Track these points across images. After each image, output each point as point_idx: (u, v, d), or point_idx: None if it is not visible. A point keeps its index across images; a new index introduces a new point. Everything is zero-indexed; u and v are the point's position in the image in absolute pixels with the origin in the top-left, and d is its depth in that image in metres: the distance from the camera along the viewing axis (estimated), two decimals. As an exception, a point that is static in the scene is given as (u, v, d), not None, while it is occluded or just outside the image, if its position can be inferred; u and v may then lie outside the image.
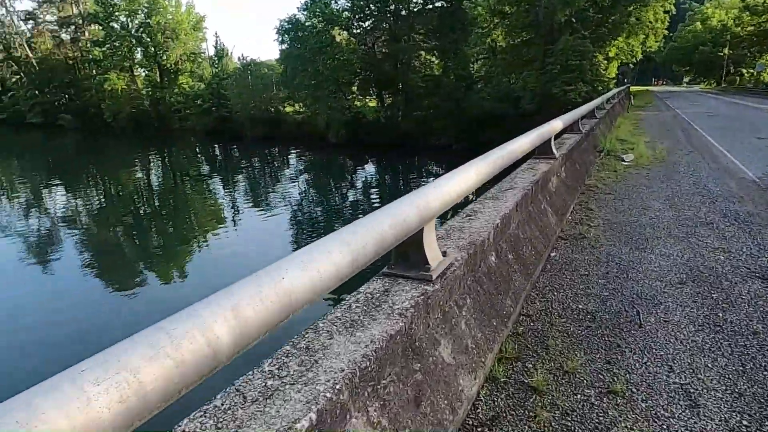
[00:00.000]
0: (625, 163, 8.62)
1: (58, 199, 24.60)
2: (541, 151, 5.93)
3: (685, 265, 4.11)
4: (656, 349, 2.87)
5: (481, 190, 4.24)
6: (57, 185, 28.71)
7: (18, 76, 61.40)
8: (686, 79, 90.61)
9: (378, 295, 2.33)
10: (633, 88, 51.13)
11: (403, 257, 2.55)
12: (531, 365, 2.75)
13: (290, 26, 38.39)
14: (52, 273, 12.82)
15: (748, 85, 59.84)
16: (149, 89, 51.30)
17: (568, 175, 6.45)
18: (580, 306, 3.42)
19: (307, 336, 1.99)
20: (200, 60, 51.50)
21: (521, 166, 5.50)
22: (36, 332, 9.08)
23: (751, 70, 61.83)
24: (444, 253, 2.69)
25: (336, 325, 2.06)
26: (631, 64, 53.16)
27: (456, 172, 2.70)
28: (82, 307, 10.30)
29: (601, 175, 7.75)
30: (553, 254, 4.41)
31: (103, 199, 25.11)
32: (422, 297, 2.29)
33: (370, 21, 39.98)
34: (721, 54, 65.36)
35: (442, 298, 2.49)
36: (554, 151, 5.98)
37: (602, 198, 6.42)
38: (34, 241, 16.05)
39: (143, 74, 53.08)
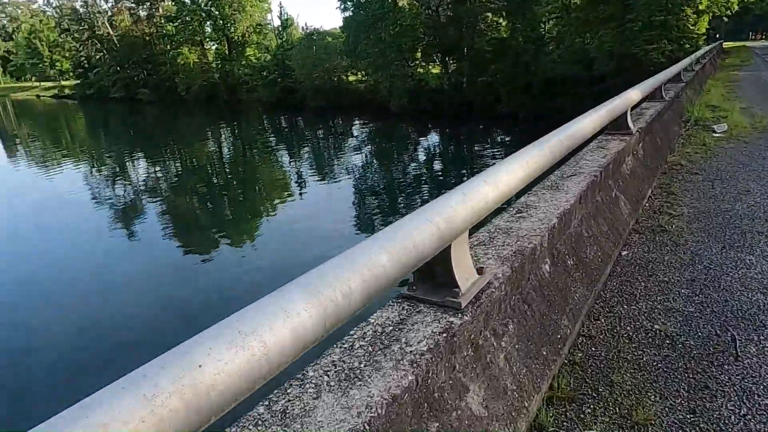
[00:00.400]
0: (717, 135, 7.45)
1: (139, 169, 26.26)
2: (615, 125, 5.10)
3: (796, 272, 3.30)
4: (759, 395, 2.21)
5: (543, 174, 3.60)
6: (138, 156, 30.50)
7: (101, 54, 65.04)
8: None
9: (390, 329, 1.86)
10: (726, 44, 46.05)
11: (428, 276, 2.05)
12: (589, 410, 2.19)
13: (352, -8, 37.54)
14: (136, 238, 13.81)
15: None
16: (218, 62, 52.57)
17: (646, 153, 5.57)
18: (657, 326, 2.77)
19: (289, 391, 1.56)
20: (266, 31, 51.91)
21: (590, 145, 4.73)
22: (125, 296, 9.70)
23: None
24: (480, 270, 2.15)
25: (329, 375, 1.62)
26: (724, 17, 47.57)
27: (493, 171, 2.12)
28: (164, 272, 10.99)
29: (687, 150, 6.72)
30: (624, 253, 3.72)
31: (179, 169, 26.50)
32: (445, 334, 1.79)
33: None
34: (837, 1, 57.15)
35: (474, 330, 1.98)
36: (630, 125, 5.13)
37: (688, 179, 5.50)
38: (120, 208, 17.28)
39: (213, 47, 54.38)
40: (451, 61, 39.16)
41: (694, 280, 3.26)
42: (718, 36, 44.76)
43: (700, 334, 2.68)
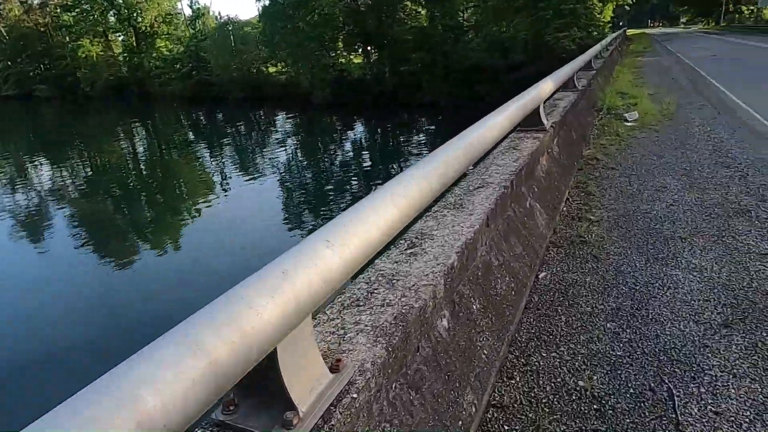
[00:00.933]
0: (629, 124, 7.28)
1: (43, 172, 23.94)
2: (528, 120, 4.60)
3: (725, 288, 2.90)
4: (710, 487, 1.70)
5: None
6: (40, 158, 27.68)
7: (-12, 47, 58.24)
8: (683, 20, 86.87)
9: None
10: (629, 32, 48.72)
11: (252, 388, 1.33)
12: None
13: (267, -21, 35.77)
14: (43, 247, 12.29)
15: (748, 23, 57.12)
16: (126, 55, 48.65)
17: (562, 150, 5.15)
18: (581, 383, 2.23)
19: None
20: (177, 21, 48.60)
21: (501, 146, 4.20)
22: (31, 311, 8.49)
23: (752, 7, 58.96)
24: (336, 365, 1.46)
25: None
26: (626, 6, 50.33)
27: (340, 224, 1.41)
28: (77, 282, 9.71)
29: (602, 141, 6.43)
30: (541, 276, 3.19)
31: (88, 171, 24.28)
32: None
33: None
34: (720, -9, 62.23)
35: (321, 473, 1.28)
36: (544, 120, 4.66)
37: (604, 175, 5.14)
38: (23, 215, 15.54)
39: (119, 39, 50.26)
40: (373, 51, 38.49)
41: (620, 309, 2.77)
42: (621, 24, 47.22)
43: (631, 390, 2.16)
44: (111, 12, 46.99)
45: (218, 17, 43.01)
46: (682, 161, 5.42)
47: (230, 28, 40.51)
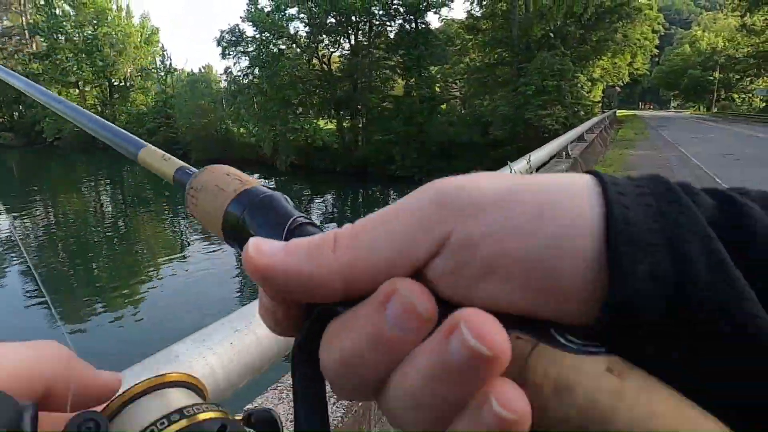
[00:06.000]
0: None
1: None
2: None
3: None
4: None
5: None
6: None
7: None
8: (674, 104, 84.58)
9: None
10: (619, 112, 45.05)
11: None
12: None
13: (234, 38, 32.21)
14: None
15: (740, 110, 53.76)
16: (99, 107, 44.99)
17: None
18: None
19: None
20: (155, 76, 45.31)
21: None
22: None
23: (743, 95, 55.81)
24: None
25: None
26: (617, 87, 47.10)
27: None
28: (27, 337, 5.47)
29: None
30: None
31: (50, 225, 20.11)
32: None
33: (329, 36, 33.47)
34: (711, 78, 59.53)
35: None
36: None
37: None
38: None
39: (93, 91, 46.81)
40: (346, 118, 34.43)
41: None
42: (612, 104, 43.67)
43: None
44: (87, 63, 43.70)
45: (190, 73, 39.53)
46: None
47: (198, 85, 36.78)
